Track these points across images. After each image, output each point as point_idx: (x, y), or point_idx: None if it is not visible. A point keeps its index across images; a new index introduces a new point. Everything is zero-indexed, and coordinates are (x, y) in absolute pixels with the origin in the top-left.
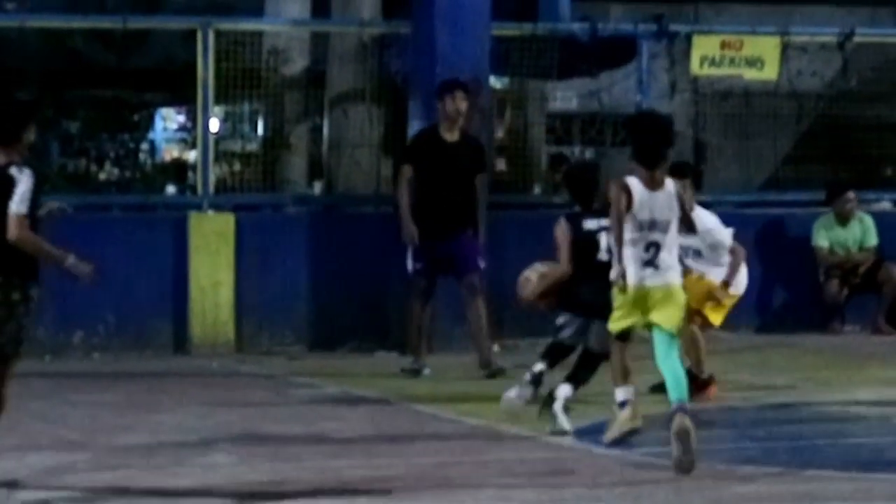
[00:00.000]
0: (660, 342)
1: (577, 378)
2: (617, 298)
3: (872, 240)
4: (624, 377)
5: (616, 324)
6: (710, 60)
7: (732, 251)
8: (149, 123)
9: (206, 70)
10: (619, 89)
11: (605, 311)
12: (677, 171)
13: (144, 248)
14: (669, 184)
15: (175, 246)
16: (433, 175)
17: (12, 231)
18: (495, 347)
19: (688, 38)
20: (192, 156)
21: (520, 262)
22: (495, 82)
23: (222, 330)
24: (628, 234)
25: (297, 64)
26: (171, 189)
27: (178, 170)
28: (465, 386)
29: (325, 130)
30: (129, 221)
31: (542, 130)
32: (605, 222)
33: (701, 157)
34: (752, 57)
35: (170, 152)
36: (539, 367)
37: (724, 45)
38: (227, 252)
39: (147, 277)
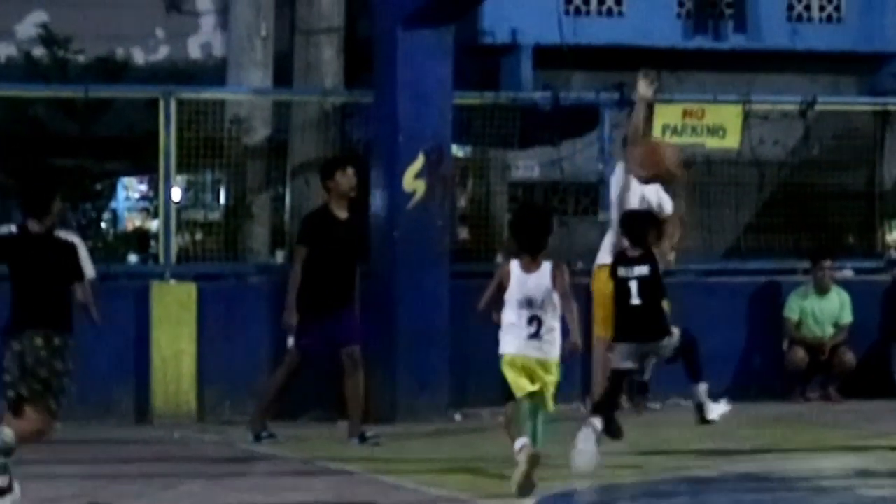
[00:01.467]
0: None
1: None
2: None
3: (847, 317)
4: (518, 434)
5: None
6: (672, 129)
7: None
8: (111, 192)
9: (168, 139)
10: (582, 158)
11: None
12: None
13: (106, 317)
14: (546, 266)
15: (137, 315)
16: (327, 253)
17: (84, 295)
18: (457, 416)
19: (650, 107)
20: (154, 225)
21: (482, 330)
22: (457, 151)
23: (184, 399)
24: (513, 309)
25: (260, 133)
26: (133, 258)
27: (141, 239)
28: (429, 455)
29: (288, 199)
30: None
31: (505, 199)
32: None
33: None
34: (714, 125)
35: (132, 221)
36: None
37: (685, 114)
38: (189, 321)
39: (109, 346)
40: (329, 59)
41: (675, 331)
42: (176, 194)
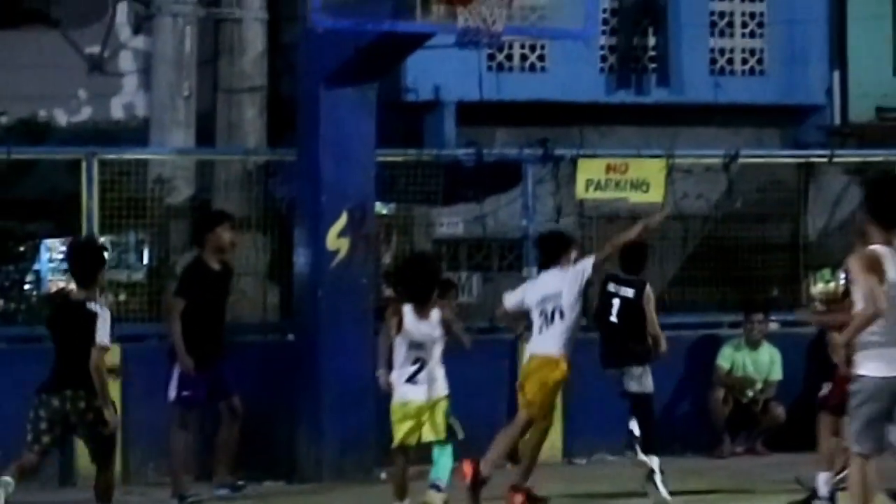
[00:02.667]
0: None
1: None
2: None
3: (777, 374)
4: (400, 494)
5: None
6: (595, 184)
7: None
8: (34, 254)
9: (90, 200)
10: (505, 214)
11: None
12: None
13: (30, 380)
14: (435, 313)
15: None
16: (203, 305)
17: (95, 359)
18: (383, 474)
19: (573, 162)
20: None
21: None
22: (381, 208)
23: None
24: (401, 350)
25: (183, 192)
26: None
27: None
28: None
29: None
30: (13, 353)
31: None
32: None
33: None
34: (638, 180)
35: (55, 283)
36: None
37: (609, 169)
38: (113, 383)
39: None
40: (252, 118)
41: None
42: None
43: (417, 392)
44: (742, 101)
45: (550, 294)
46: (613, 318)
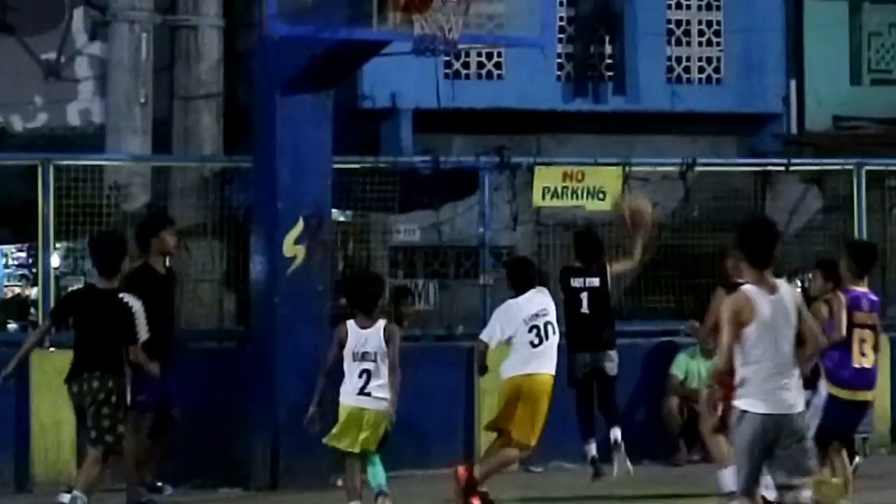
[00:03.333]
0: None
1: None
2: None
3: None
4: (353, 495)
5: (332, 440)
6: (552, 192)
7: None
8: None
9: (46, 206)
10: (462, 221)
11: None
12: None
13: None
14: (379, 324)
15: (16, 383)
16: (152, 309)
17: (138, 353)
18: (339, 481)
19: (530, 170)
20: (33, 293)
21: None
22: (338, 215)
23: (64, 468)
24: (348, 362)
25: (139, 199)
26: (12, 326)
27: (20, 307)
28: None
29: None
30: None
31: (386, 263)
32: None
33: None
34: (595, 188)
35: (11, 289)
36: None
37: (565, 177)
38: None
39: None
40: (208, 124)
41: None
42: (55, 262)
43: (367, 402)
44: (699, 110)
45: (538, 312)
46: (585, 310)
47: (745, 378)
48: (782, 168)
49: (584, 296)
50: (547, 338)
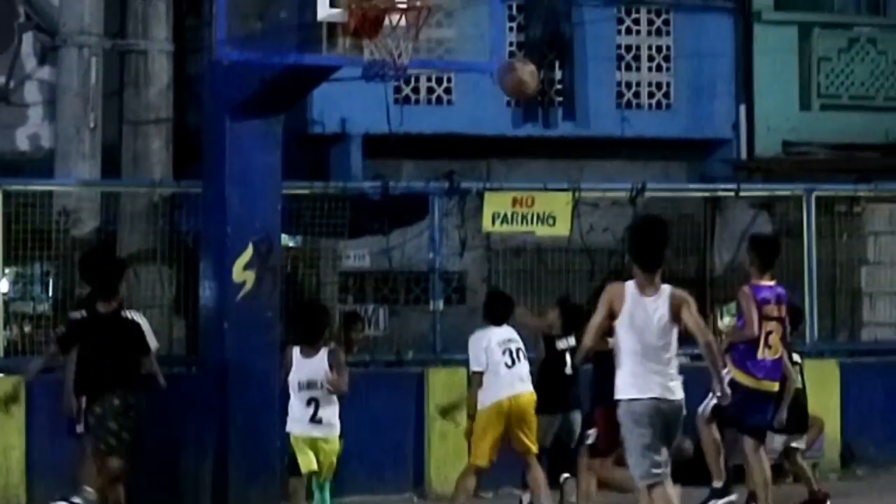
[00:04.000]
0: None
1: None
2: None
3: None
4: None
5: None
6: (501, 217)
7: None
8: None
9: None
10: (412, 247)
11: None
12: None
13: None
14: (323, 352)
15: None
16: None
17: (152, 362)
18: None
19: (479, 195)
20: None
21: None
22: (287, 241)
23: (13, 493)
24: (294, 391)
25: (88, 224)
26: None
27: None
28: None
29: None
30: None
31: (335, 289)
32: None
33: None
34: (544, 213)
35: None
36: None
37: (515, 202)
38: (17, 415)
39: None
40: (157, 149)
41: None
42: (4, 287)
43: (316, 430)
44: (649, 135)
45: (509, 338)
46: (569, 371)
47: (621, 368)
48: (732, 193)
49: (568, 357)
50: (519, 360)
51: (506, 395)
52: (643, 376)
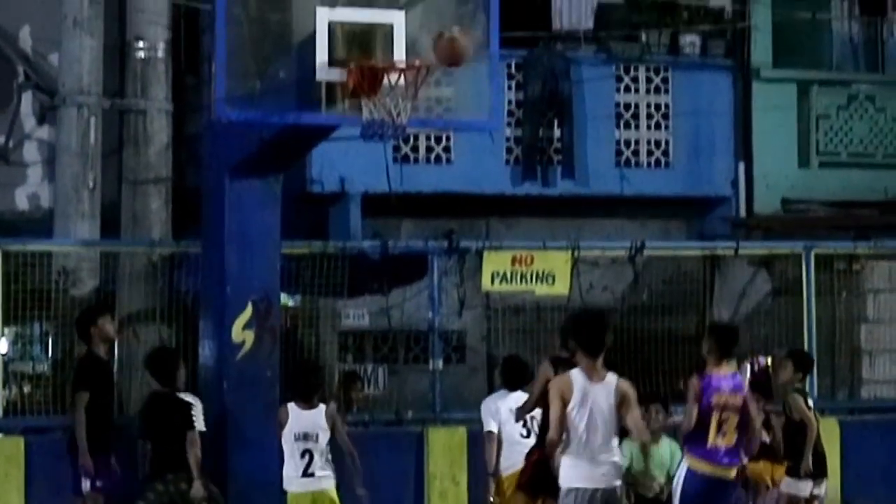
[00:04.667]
0: None
1: None
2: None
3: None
4: None
5: None
6: (501, 276)
7: None
8: None
9: None
10: (411, 306)
11: None
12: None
13: None
14: (321, 407)
15: None
16: (104, 394)
17: (195, 441)
18: None
19: (479, 255)
20: None
21: None
22: (286, 300)
23: None
24: (289, 442)
25: (87, 284)
26: None
27: None
28: None
29: (116, 351)
30: None
31: (335, 348)
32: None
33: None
34: (544, 272)
35: None
36: None
37: (514, 261)
38: (16, 476)
39: None
40: (157, 209)
41: None
42: (3, 346)
43: (312, 484)
44: (648, 193)
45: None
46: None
47: (567, 456)
48: (731, 251)
49: None
50: (534, 429)
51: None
52: (587, 467)
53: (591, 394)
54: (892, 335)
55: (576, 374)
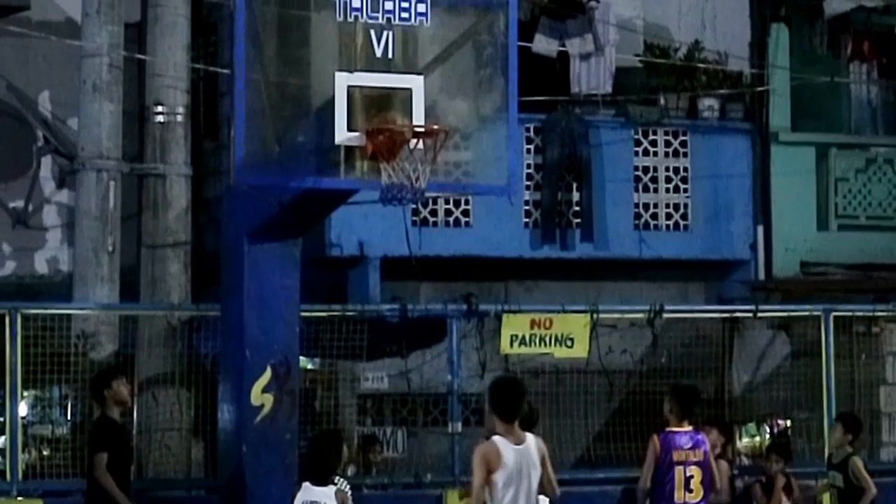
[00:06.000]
0: None
1: None
2: None
3: None
4: None
5: None
6: (519, 339)
7: None
8: None
9: (14, 355)
10: (430, 369)
11: None
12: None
13: None
14: (332, 488)
15: None
16: (118, 456)
17: None
18: None
19: (497, 318)
20: (0, 441)
21: None
22: (306, 363)
23: None
24: None
25: (106, 348)
26: None
27: None
28: None
29: (135, 414)
30: None
31: (354, 411)
32: None
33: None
34: (562, 335)
35: None
36: None
37: (533, 324)
38: None
39: None
40: (176, 272)
41: None
42: (22, 410)
43: None
44: (667, 256)
45: None
46: None
47: None
48: (750, 314)
49: None
50: None
51: None
52: None
53: (518, 455)
54: None
55: (498, 441)
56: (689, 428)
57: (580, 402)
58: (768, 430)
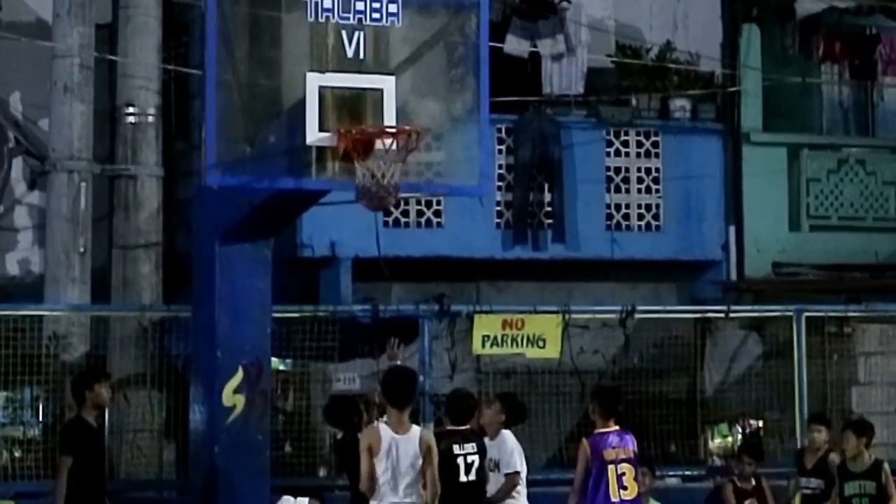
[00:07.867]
0: None
1: None
2: None
3: None
4: None
5: None
6: (491, 340)
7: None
8: None
9: None
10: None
11: None
12: None
13: None
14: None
15: None
16: (90, 459)
17: None
18: None
19: (469, 318)
20: None
21: None
22: (278, 364)
23: None
24: None
25: (78, 349)
26: None
27: None
28: None
29: (107, 415)
30: None
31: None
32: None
33: None
34: (534, 336)
35: None
36: None
37: (505, 325)
38: None
39: None
40: (147, 274)
41: None
42: None
43: None
44: (638, 257)
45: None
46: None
47: (375, 502)
48: (722, 315)
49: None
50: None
51: None
52: None
53: (398, 443)
54: (883, 398)
55: (383, 427)
56: (616, 427)
57: (552, 402)
58: (740, 430)
